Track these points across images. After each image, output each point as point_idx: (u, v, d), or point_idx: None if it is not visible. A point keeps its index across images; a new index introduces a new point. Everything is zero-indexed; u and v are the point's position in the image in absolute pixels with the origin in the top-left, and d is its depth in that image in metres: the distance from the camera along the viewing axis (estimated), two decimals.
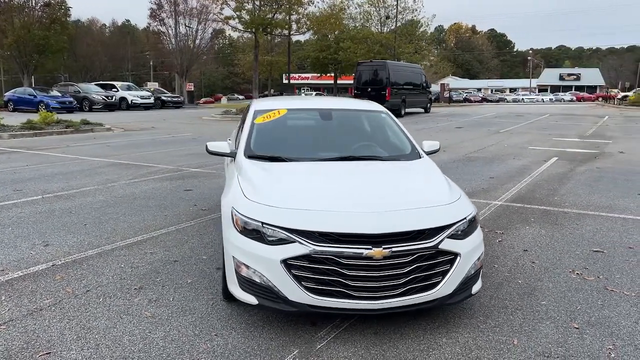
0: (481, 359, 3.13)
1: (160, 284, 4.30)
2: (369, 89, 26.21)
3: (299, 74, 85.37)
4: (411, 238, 3.24)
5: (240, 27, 30.15)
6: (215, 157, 11.58)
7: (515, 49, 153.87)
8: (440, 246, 3.29)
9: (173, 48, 49.99)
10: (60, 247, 5.24)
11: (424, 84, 30.31)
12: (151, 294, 4.08)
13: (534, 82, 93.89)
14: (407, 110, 28.31)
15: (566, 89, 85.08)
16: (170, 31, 48.69)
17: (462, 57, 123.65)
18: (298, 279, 3.20)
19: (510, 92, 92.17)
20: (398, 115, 26.89)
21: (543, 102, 71.19)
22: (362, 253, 3.14)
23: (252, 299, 3.37)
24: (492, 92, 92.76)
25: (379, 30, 49.36)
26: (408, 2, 49.94)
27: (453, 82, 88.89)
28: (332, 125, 5.08)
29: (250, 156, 4.35)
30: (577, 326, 3.55)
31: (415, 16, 50.54)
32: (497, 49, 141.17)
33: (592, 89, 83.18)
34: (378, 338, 3.39)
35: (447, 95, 55.42)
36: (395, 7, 46.93)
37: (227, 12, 28.91)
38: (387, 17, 49.79)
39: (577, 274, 4.54)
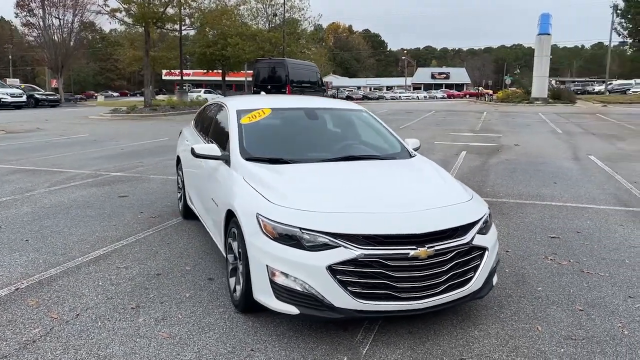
0: (520, 347, 3.28)
1: (156, 300, 3.96)
2: (269, 86, 26.05)
3: (179, 70, 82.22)
4: (449, 236, 3.30)
5: (127, 20, 28.41)
6: (134, 161, 10.93)
7: (388, 49, 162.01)
8: (473, 242, 3.40)
9: (42, 41, 45.76)
10: (13, 268, 4.61)
11: (319, 82, 30.82)
12: (154, 313, 3.74)
13: (409, 81, 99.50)
14: None
15: (437, 86, 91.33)
16: (40, 22, 44.46)
17: (340, 56, 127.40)
18: (344, 285, 3.12)
19: (387, 89, 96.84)
20: None
21: (418, 99, 75.74)
22: (408, 254, 3.14)
23: (292, 309, 3.22)
24: (370, 90, 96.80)
25: (267, 27, 49.13)
26: (295, 0, 50.31)
27: (334, 80, 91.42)
28: (320, 125, 4.99)
29: (248, 159, 4.14)
30: (581, 308, 3.85)
31: (302, 14, 51.09)
32: (372, 49, 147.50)
33: (460, 86, 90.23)
34: (416, 337, 3.41)
35: (332, 93, 56.89)
36: (282, 4, 47.07)
37: (113, 3, 27.23)
38: (275, 15, 49.81)
39: (551, 259, 4.92)
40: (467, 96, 77.14)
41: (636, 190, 8.08)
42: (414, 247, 3.16)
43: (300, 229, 3.19)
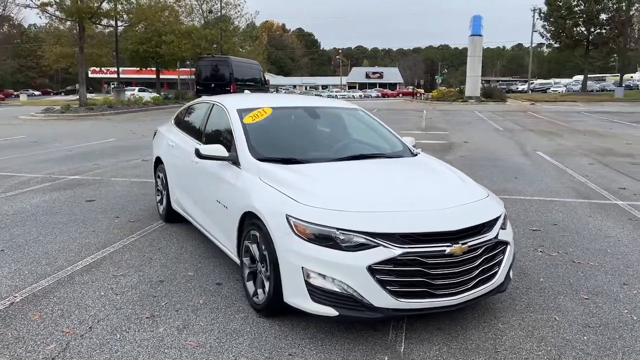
0: (546, 337, 3.41)
1: (170, 308, 3.79)
2: (212, 85, 25.58)
3: (108, 68, 78.85)
4: (478, 232, 3.38)
5: (60, 15, 26.88)
6: (87, 163, 10.40)
7: (322, 48, 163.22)
8: (498, 237, 3.50)
9: None
10: None
11: (262, 80, 30.59)
12: (172, 321, 3.59)
13: (344, 80, 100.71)
14: None
15: (372, 86, 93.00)
16: None
17: (275, 55, 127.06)
18: (383, 284, 3.12)
19: (322, 88, 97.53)
20: None
21: (354, 98, 76.80)
22: (444, 250, 3.19)
23: (330, 311, 3.18)
24: (306, 88, 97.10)
25: (202, 25, 48.04)
26: None
27: (270, 79, 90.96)
28: (322, 124, 4.95)
29: (260, 159, 4.05)
30: (586, 297, 4.05)
31: (238, 11, 50.45)
32: (306, 48, 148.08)
33: (393, 86, 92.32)
34: (446, 333, 3.46)
35: (271, 91, 56.58)
36: (218, 1, 46.29)
37: None
38: (210, 12, 48.89)
39: (541, 252, 5.14)
40: (401, 95, 79.02)
41: (591, 184, 8.59)
42: (449, 244, 3.21)
43: (338, 229, 3.16)
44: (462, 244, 3.24)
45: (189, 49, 43.11)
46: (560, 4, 49.01)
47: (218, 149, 4.23)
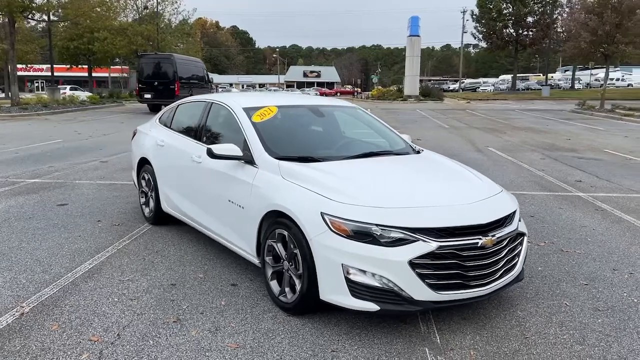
0: (564, 322, 3.63)
1: (194, 311, 3.72)
2: (156, 83, 24.82)
3: (32, 65, 74.38)
4: (503, 224, 3.55)
5: None
6: (41, 165, 9.87)
7: (257, 46, 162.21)
8: (518, 228, 3.69)
9: None
10: None
11: (206, 78, 30.01)
12: (202, 324, 3.53)
13: (282, 78, 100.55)
14: None
15: (310, 85, 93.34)
16: None
17: (210, 52, 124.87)
18: (422, 277, 3.22)
19: (259, 87, 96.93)
20: None
21: None
22: (477, 243, 3.33)
23: (371, 306, 3.24)
24: (243, 87, 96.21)
25: (137, 21, 46.43)
26: None
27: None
28: (327, 122, 4.99)
29: (278, 158, 4.03)
30: (585, 283, 4.33)
31: (175, 8, 49.19)
32: (241, 46, 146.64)
33: (330, 85, 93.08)
34: (472, 323, 3.61)
35: (214, 90, 55.57)
36: None
37: None
38: (146, 8, 47.40)
39: (529, 242, 5.42)
40: (339, 94, 79.80)
41: (549, 177, 9.12)
42: (480, 237, 3.35)
43: (378, 225, 3.23)
44: (492, 236, 3.40)
45: (124, 46, 41.62)
46: (491, 6, 51.41)
47: (232, 149, 4.17)
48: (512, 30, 52.09)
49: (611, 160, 11.29)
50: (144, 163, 5.95)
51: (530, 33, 51.45)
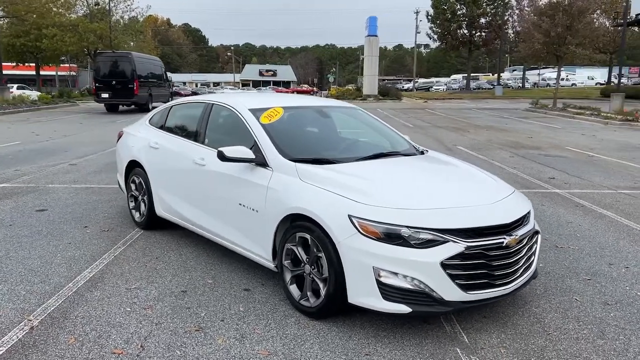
0: (580, 317, 3.73)
1: (213, 318, 3.63)
2: (114, 82, 24.07)
3: None
4: (521, 223, 3.63)
5: None
6: (6, 169, 9.38)
7: (209, 44, 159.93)
8: (534, 227, 3.78)
9: None
10: None
11: (164, 76, 29.35)
12: (226, 332, 3.44)
13: (237, 77, 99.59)
14: (154, 104, 27.08)
15: (266, 83, 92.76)
16: None
17: (162, 50, 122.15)
18: (452, 278, 3.25)
19: (214, 85, 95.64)
20: (147, 110, 25.54)
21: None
22: (502, 242, 3.39)
23: (403, 308, 3.24)
24: (196, 85, 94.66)
25: (89, 18, 44.83)
26: None
27: None
28: (333, 123, 4.96)
29: (293, 160, 3.98)
30: (588, 278, 4.48)
31: (128, 5, 47.88)
32: (193, 44, 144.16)
33: (287, 84, 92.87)
34: (493, 321, 3.67)
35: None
36: None
37: None
38: (97, 5, 45.86)
39: None
40: (296, 93, 79.84)
41: (523, 175, 9.39)
42: (504, 236, 3.41)
43: (408, 227, 3.23)
44: (515, 235, 3.47)
45: (74, 43, 40.25)
46: (445, 7, 52.55)
47: (244, 151, 4.09)
48: (466, 31, 53.40)
49: (575, 157, 11.74)
50: (133, 166, 5.75)
51: (483, 34, 52.90)
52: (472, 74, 61.71)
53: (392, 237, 3.24)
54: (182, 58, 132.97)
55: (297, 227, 3.68)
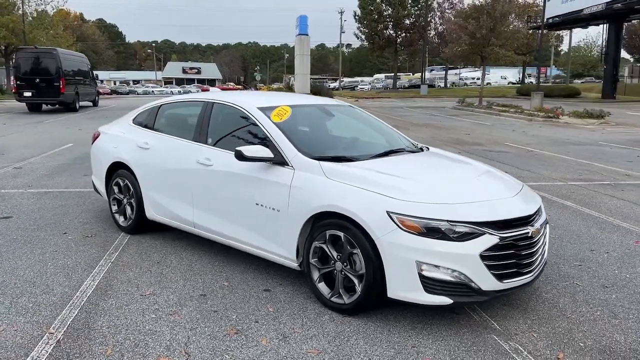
0: (588, 300, 4.00)
1: (246, 320, 3.59)
2: (37, 80, 22.56)
3: None
4: (538, 214, 3.86)
5: None
6: None
7: (126, 41, 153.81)
8: (545, 218, 4.03)
9: None
10: (9, 318, 3.56)
11: (91, 74, 27.91)
12: (266, 333, 3.41)
13: (159, 75, 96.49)
14: (81, 103, 25.69)
15: (189, 81, 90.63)
16: None
17: (75, 47, 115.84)
18: (489, 269, 3.41)
19: (134, 83, 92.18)
20: (74, 109, 24.19)
21: (173, 94, 74.27)
22: (528, 232, 3.59)
23: (445, 300, 3.35)
24: (115, 84, 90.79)
25: None
26: None
27: None
28: (339, 121, 4.99)
29: (314, 158, 3.98)
30: (578, 264, 4.81)
31: None
32: (109, 40, 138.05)
33: (211, 82, 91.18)
34: (513, 308, 3.86)
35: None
36: None
37: None
38: None
39: None
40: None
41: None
42: (528, 227, 3.62)
43: (448, 221, 3.35)
44: (536, 225, 3.69)
45: None
46: (372, 8, 53.80)
47: (263, 150, 4.04)
48: (392, 32, 54.95)
49: (517, 152, 12.47)
50: (117, 168, 5.48)
51: (408, 35, 54.66)
52: (393, 74, 63.48)
53: (432, 231, 3.34)
54: (98, 55, 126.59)
55: (327, 225, 3.70)
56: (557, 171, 9.78)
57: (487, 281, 3.40)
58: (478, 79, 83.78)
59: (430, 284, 3.35)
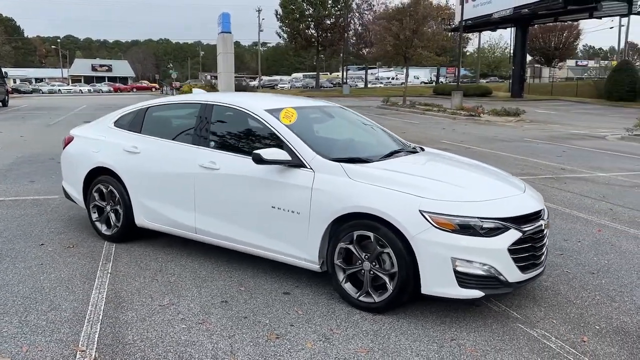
0: (585, 286, 4.32)
1: (280, 324, 3.57)
2: None
3: None
4: (543, 209, 4.14)
5: None
6: None
7: (25, 36, 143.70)
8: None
9: None
10: (33, 337, 3.29)
11: (1, 72, 25.82)
12: (305, 335, 3.42)
13: (65, 72, 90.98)
14: None
15: (100, 79, 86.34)
16: None
17: None
18: (515, 262, 3.62)
19: (36, 82, 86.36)
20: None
21: (82, 92, 70.47)
22: (542, 226, 3.86)
23: (477, 293, 3.51)
24: (15, 82, 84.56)
25: None
26: None
27: None
28: (340, 123, 5.02)
29: (333, 159, 4.01)
30: (560, 253, 5.17)
31: None
32: (7, 35, 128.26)
33: (123, 80, 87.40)
34: (524, 297, 4.10)
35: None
36: None
37: None
38: None
39: None
40: (135, 90, 75.47)
41: None
42: (541, 221, 3.88)
43: (478, 218, 3.52)
44: (547, 219, 3.96)
45: None
46: (294, 7, 53.97)
47: (280, 153, 4.01)
48: (314, 32, 55.45)
49: (457, 150, 13.06)
50: (98, 173, 5.19)
51: (329, 35, 55.43)
52: (311, 73, 64.17)
53: (465, 228, 3.50)
54: None
55: (354, 226, 3.75)
56: (502, 167, 10.37)
57: (513, 273, 3.61)
58: (393, 78, 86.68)
59: (464, 279, 3.50)
